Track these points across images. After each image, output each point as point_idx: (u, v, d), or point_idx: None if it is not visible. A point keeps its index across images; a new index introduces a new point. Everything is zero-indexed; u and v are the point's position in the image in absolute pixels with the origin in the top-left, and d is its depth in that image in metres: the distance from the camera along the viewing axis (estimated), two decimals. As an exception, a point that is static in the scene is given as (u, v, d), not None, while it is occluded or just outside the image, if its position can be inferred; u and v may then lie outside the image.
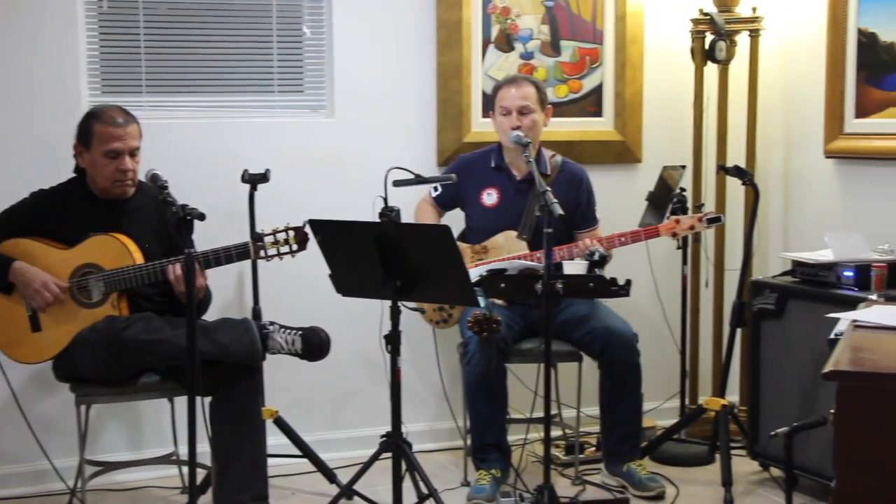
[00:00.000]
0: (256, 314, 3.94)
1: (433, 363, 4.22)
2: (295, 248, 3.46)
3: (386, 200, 3.31)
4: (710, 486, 3.97)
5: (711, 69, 4.51)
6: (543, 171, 4.05)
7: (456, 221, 4.14)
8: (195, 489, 3.10)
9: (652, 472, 3.97)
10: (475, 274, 3.44)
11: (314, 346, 3.61)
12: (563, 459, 4.19)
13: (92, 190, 3.61)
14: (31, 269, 3.48)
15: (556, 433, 4.16)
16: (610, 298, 3.52)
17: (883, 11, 4.05)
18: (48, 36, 3.94)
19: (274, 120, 4.29)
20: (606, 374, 3.94)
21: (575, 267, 3.74)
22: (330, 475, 3.93)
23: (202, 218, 3.02)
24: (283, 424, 3.95)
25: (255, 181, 3.90)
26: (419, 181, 3.58)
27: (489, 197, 4.12)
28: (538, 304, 3.42)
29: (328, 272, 3.33)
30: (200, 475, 3.41)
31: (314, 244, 3.31)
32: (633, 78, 4.61)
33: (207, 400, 3.46)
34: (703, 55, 4.48)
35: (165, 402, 3.90)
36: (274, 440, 3.84)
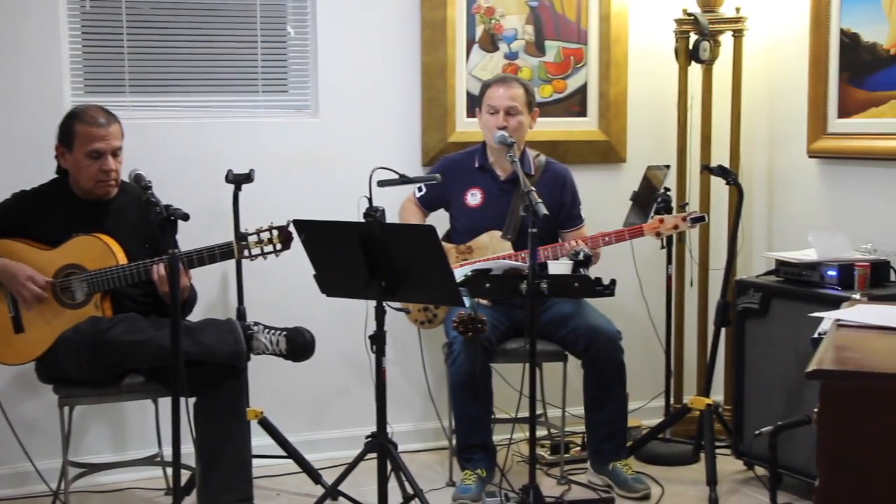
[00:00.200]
0: (241, 314, 3.93)
1: (418, 363, 4.22)
2: (279, 247, 3.46)
3: (371, 200, 3.31)
4: (694, 485, 3.98)
5: (695, 69, 4.52)
6: (527, 171, 4.05)
7: (440, 222, 4.14)
8: (179, 490, 3.08)
9: (637, 471, 3.98)
10: (460, 274, 3.45)
11: (299, 346, 3.61)
12: (548, 459, 4.20)
13: (74, 191, 3.59)
14: (14, 263, 3.46)
15: (541, 433, 4.17)
16: (595, 298, 3.53)
17: (865, 12, 4.06)
18: (31, 35, 3.92)
19: (258, 120, 4.27)
20: (591, 372, 3.95)
21: (560, 267, 3.73)
22: (315, 476, 3.92)
23: (186, 218, 3.01)
24: (267, 425, 3.94)
25: (239, 181, 3.89)
26: (404, 181, 3.58)
27: (473, 197, 4.12)
28: (523, 303, 3.42)
29: (313, 272, 3.32)
30: (185, 476, 3.39)
31: (298, 244, 3.30)
32: (617, 78, 4.61)
33: (192, 401, 3.45)
34: (686, 55, 4.49)
35: (149, 402, 3.89)
36: (259, 441, 3.84)
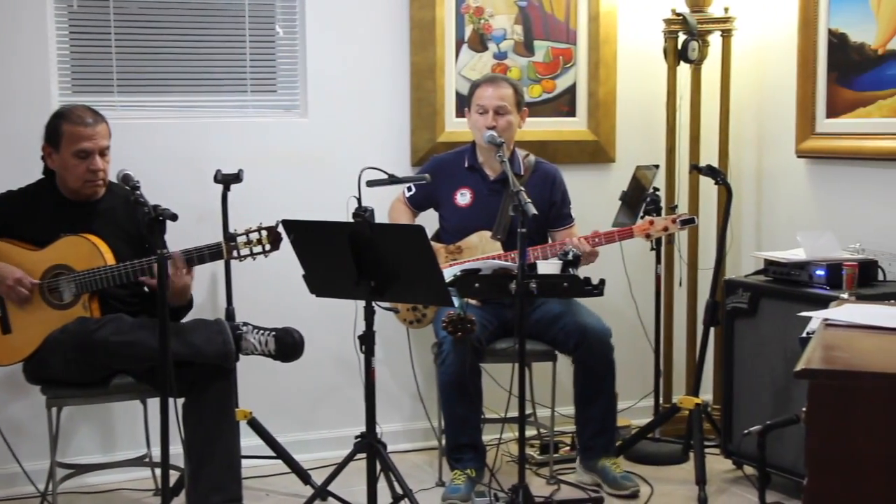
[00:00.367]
0: (230, 315, 3.92)
1: (407, 363, 4.21)
2: (268, 247, 3.45)
3: (360, 200, 3.31)
4: (684, 484, 3.98)
5: (684, 69, 4.53)
6: (517, 170, 4.05)
7: (430, 222, 4.14)
8: (168, 491, 3.07)
9: (626, 470, 3.98)
10: (449, 274, 3.44)
11: (288, 346, 3.60)
12: (537, 459, 4.20)
13: (62, 191, 3.58)
14: (2, 265, 3.45)
15: (530, 433, 4.16)
16: (584, 298, 3.53)
17: (853, 12, 4.07)
18: (18, 35, 3.90)
19: (247, 120, 4.26)
20: (580, 369, 3.95)
21: (549, 266, 3.73)
22: (304, 476, 3.92)
23: (174, 218, 3.00)
24: (256, 425, 3.94)
25: (228, 181, 3.88)
26: (393, 181, 3.58)
27: (463, 197, 4.12)
28: (512, 303, 3.42)
29: (302, 273, 3.32)
30: (174, 477, 3.39)
31: (287, 244, 3.29)
32: (606, 78, 4.62)
33: (180, 401, 3.44)
34: (675, 55, 4.50)
35: (138, 403, 3.88)
36: (248, 441, 3.83)
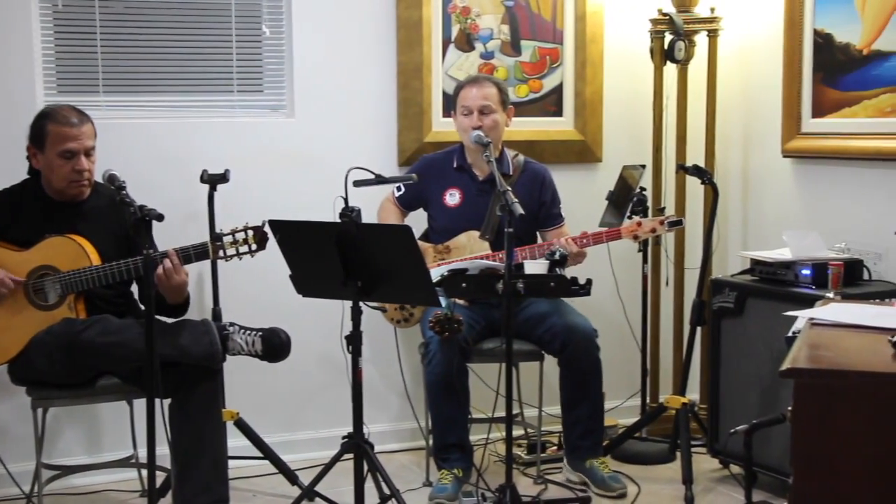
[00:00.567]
0: (216, 315, 3.91)
1: (395, 363, 4.21)
2: (254, 247, 3.44)
3: (346, 200, 3.30)
4: (670, 483, 3.99)
5: (671, 69, 4.54)
6: (506, 170, 4.06)
7: (418, 221, 4.14)
8: (155, 492, 3.07)
9: (614, 470, 3.99)
10: (436, 274, 3.44)
11: (274, 347, 3.59)
12: (524, 459, 4.20)
13: (47, 191, 3.56)
14: None
15: (517, 432, 4.16)
16: (571, 298, 3.54)
17: (838, 12, 4.09)
18: (2, 34, 3.88)
19: (233, 120, 4.25)
20: (567, 370, 3.95)
21: (536, 266, 3.73)
22: (291, 477, 3.91)
23: (160, 218, 3.00)
24: (243, 426, 3.93)
25: (214, 181, 3.87)
26: (380, 181, 3.57)
27: (452, 197, 4.12)
28: (500, 303, 3.42)
29: (288, 273, 3.31)
30: (160, 478, 3.38)
31: (274, 244, 3.29)
32: (592, 77, 4.62)
33: (167, 402, 3.43)
34: (662, 55, 4.50)
35: (124, 404, 3.86)
36: (234, 442, 3.82)
